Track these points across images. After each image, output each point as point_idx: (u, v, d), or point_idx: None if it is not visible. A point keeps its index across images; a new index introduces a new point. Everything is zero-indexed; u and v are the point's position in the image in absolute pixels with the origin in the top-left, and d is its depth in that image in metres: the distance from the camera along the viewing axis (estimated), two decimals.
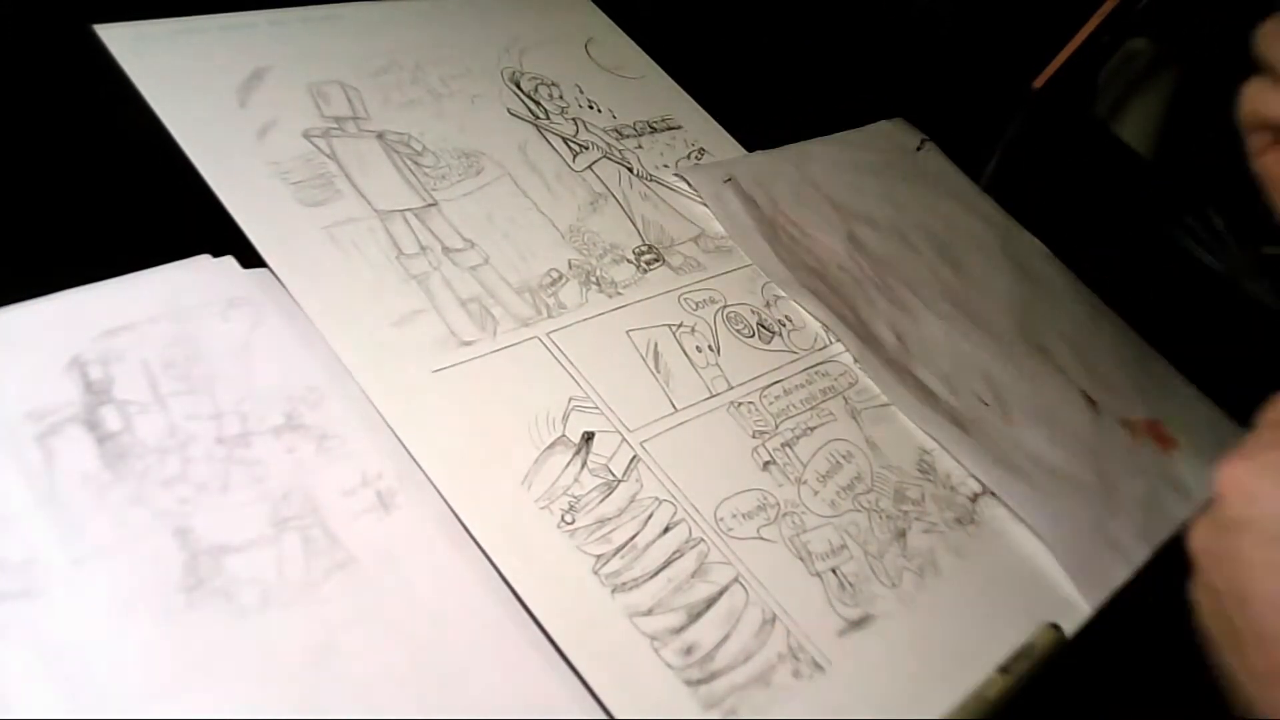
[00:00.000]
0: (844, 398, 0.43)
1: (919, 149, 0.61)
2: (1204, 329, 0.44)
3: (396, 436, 0.33)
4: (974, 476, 0.42)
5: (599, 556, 0.33)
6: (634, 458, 0.36)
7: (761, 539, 0.36)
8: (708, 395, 0.40)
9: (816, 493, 0.38)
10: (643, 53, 0.55)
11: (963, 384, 0.47)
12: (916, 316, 0.49)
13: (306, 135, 0.40)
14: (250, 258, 0.36)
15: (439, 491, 0.33)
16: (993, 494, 0.42)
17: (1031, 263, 0.57)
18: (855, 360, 0.44)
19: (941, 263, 0.54)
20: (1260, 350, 0.46)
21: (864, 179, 0.56)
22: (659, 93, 0.54)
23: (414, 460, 0.33)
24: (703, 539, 0.35)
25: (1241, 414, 0.53)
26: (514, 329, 0.38)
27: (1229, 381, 0.55)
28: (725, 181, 0.49)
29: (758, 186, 0.51)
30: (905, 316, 0.49)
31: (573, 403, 0.37)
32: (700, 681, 0.31)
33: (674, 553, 0.34)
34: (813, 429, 0.41)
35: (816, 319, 0.45)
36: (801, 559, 0.36)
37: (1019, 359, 0.50)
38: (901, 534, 0.39)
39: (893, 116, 0.62)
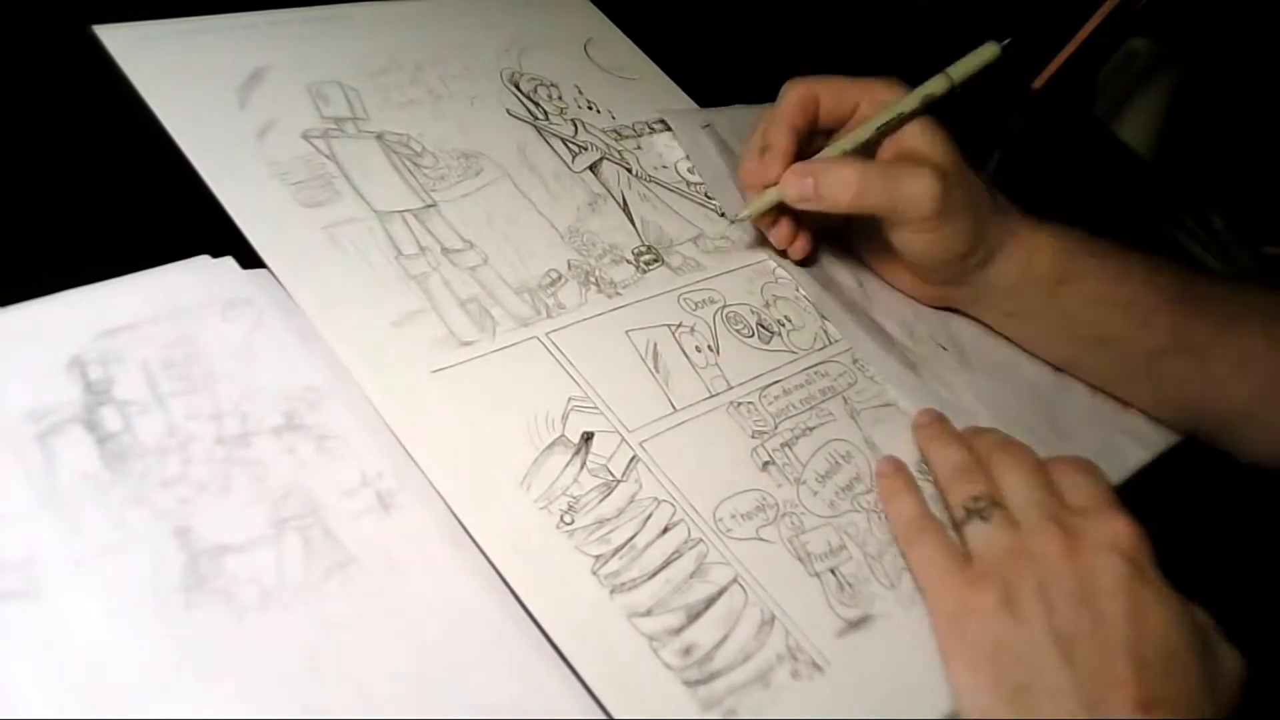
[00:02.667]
0: (843, 398, 0.43)
1: None
2: None
3: (396, 437, 0.33)
4: (911, 412, 0.43)
5: (598, 557, 0.33)
6: (633, 458, 0.36)
7: (760, 539, 0.36)
8: (707, 395, 0.40)
9: (815, 493, 0.38)
10: (642, 53, 0.55)
11: (922, 331, 0.48)
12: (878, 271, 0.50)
13: (306, 136, 0.41)
14: (250, 258, 0.36)
15: (438, 492, 0.33)
16: None
17: None
18: (811, 301, 0.45)
19: None
20: None
21: None
22: (658, 93, 0.54)
23: (413, 461, 0.33)
24: (702, 539, 0.35)
25: None
26: (513, 329, 0.38)
27: None
28: (703, 127, 0.51)
29: (734, 135, 0.52)
30: (867, 270, 0.50)
31: (572, 403, 0.37)
32: (699, 682, 0.31)
33: (673, 553, 0.34)
34: (812, 429, 0.41)
35: (771, 258, 0.46)
36: (800, 559, 0.36)
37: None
38: None
39: None
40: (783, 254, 0.47)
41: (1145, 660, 0.32)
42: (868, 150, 0.45)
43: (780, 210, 0.45)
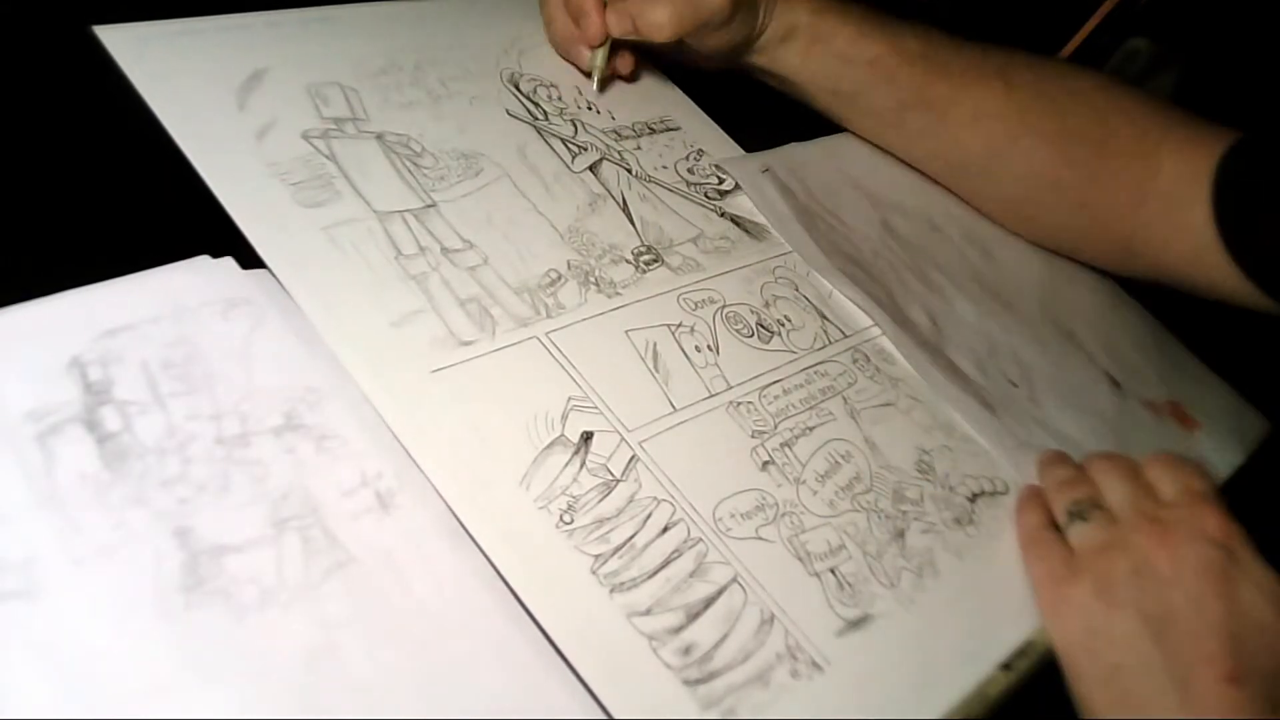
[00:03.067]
0: (843, 398, 0.43)
1: None
2: (1214, 318, 0.47)
3: (396, 437, 0.33)
4: (999, 460, 0.43)
5: (597, 556, 0.33)
6: (633, 457, 0.36)
7: (760, 539, 0.36)
8: (707, 395, 0.40)
9: (815, 493, 0.38)
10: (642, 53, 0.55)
11: (993, 366, 0.48)
12: (948, 300, 0.50)
13: (305, 136, 0.41)
14: (250, 258, 0.36)
15: (438, 492, 0.33)
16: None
17: (1055, 252, 0.58)
18: (892, 342, 0.46)
19: (970, 249, 0.55)
20: (1270, 340, 0.48)
21: (891, 169, 0.57)
22: (657, 94, 0.54)
23: (413, 461, 0.33)
24: (701, 539, 0.35)
25: (1256, 398, 0.56)
26: (513, 329, 0.38)
27: (1244, 367, 0.57)
28: (763, 171, 0.51)
29: (793, 176, 0.52)
30: (937, 299, 0.50)
31: (571, 402, 0.37)
32: (698, 681, 0.31)
33: (672, 552, 0.34)
34: (812, 429, 0.41)
35: (854, 303, 0.46)
36: (800, 559, 0.36)
37: (1045, 341, 0.52)
38: (900, 534, 0.39)
39: None
40: (626, 78, 0.51)
41: (1237, 636, 0.34)
42: None
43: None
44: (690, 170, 0.50)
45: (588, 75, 0.50)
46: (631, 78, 0.52)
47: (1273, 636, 0.34)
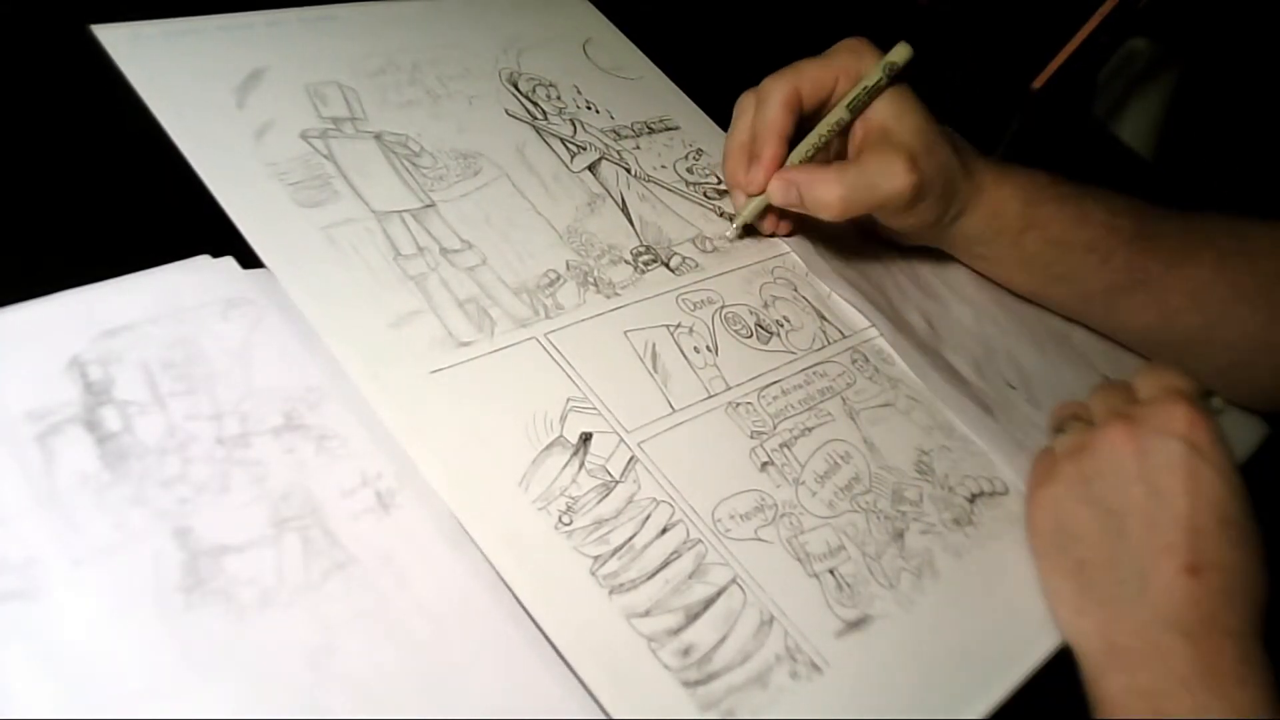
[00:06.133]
0: (842, 398, 0.43)
1: None
2: None
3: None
4: (997, 462, 0.44)
5: (597, 557, 0.33)
6: (632, 458, 0.36)
7: (759, 540, 0.36)
8: (706, 396, 0.40)
9: (814, 493, 0.39)
10: (640, 53, 0.55)
11: (991, 368, 0.48)
12: (945, 302, 0.50)
13: (304, 136, 0.41)
14: (250, 258, 0.36)
15: (438, 492, 0.33)
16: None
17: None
18: (889, 344, 0.46)
19: None
20: None
21: None
22: (657, 93, 0.54)
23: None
24: (700, 540, 0.35)
25: None
26: (512, 330, 0.38)
27: None
28: None
29: None
30: (934, 303, 0.50)
31: (570, 403, 0.37)
32: (698, 682, 0.32)
33: (672, 554, 0.34)
34: (811, 429, 0.41)
35: (851, 304, 0.47)
36: (799, 560, 0.36)
37: (1043, 344, 0.52)
38: (899, 535, 0.39)
39: None
40: (770, 235, 0.49)
41: (1198, 528, 0.35)
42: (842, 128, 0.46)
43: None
44: (689, 170, 0.50)
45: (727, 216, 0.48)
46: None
47: (1235, 530, 0.35)
